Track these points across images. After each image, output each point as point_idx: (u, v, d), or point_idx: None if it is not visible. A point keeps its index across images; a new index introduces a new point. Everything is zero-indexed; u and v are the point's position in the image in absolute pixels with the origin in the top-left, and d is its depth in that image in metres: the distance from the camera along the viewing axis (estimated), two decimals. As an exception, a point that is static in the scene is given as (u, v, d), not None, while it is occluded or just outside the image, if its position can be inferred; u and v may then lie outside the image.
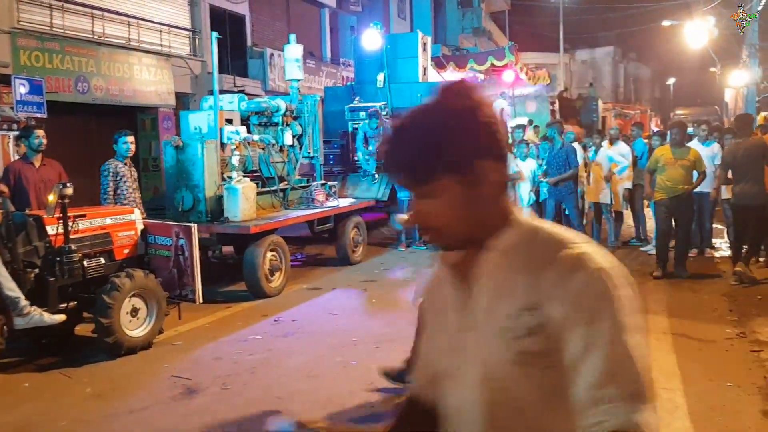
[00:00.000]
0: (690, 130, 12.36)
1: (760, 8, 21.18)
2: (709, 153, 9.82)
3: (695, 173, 8.70)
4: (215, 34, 8.68)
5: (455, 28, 35.66)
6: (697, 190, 8.95)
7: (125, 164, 7.76)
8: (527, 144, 11.66)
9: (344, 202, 10.41)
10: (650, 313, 7.09)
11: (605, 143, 11.13)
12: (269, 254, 8.24)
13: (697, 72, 49.01)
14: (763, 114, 19.46)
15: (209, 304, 7.71)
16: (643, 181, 10.83)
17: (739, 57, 23.62)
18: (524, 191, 11.10)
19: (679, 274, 8.68)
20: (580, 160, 11.17)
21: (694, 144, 9.85)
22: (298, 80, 10.34)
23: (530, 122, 18.37)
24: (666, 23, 29.33)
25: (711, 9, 24.13)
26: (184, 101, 17.15)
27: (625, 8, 47.33)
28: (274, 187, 9.47)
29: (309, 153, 10.36)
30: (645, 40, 60.74)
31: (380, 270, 9.93)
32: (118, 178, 7.66)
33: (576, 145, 10.97)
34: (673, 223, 8.84)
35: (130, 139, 7.79)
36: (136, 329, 6.05)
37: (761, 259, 9.24)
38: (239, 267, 8.27)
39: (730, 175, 8.73)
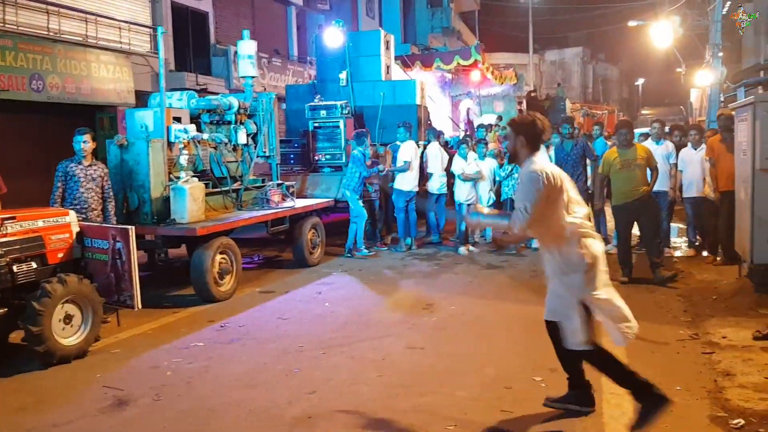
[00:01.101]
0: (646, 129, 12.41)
1: (724, 12, 21.39)
2: (663, 152, 9.75)
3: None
4: (161, 29, 8.41)
5: (425, 27, 35.59)
6: (654, 189, 8.67)
7: (80, 164, 7.40)
8: (486, 143, 11.56)
9: (301, 203, 10.18)
10: (606, 315, 6.99)
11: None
12: (219, 257, 7.98)
13: (664, 72, 49.59)
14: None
15: (154, 309, 7.46)
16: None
17: (704, 57, 23.79)
18: (483, 191, 10.97)
19: (659, 280, 8.25)
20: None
21: (648, 143, 9.78)
22: (252, 77, 10.09)
23: (500, 118, 18.38)
24: (632, 23, 29.48)
25: (676, 9, 24.30)
26: (144, 99, 16.78)
27: (594, 9, 47.63)
28: (227, 188, 9.20)
29: (264, 152, 10.11)
30: (613, 41, 61.39)
31: (338, 272, 9.72)
32: (68, 179, 7.34)
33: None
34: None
35: (86, 137, 7.39)
36: (69, 337, 5.79)
37: (718, 258, 9.19)
38: (188, 270, 8.01)
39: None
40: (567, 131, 10.09)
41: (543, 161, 4.42)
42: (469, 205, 10.94)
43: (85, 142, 7.38)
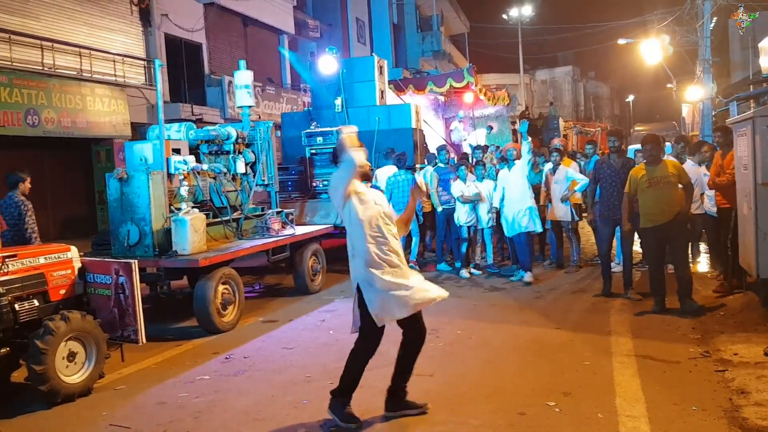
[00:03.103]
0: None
1: (711, 27, 21.59)
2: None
3: None
4: (158, 62, 8.43)
5: (415, 51, 35.87)
6: None
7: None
8: (484, 165, 11.53)
9: (301, 230, 10.13)
10: (613, 335, 6.94)
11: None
12: (221, 287, 7.92)
13: (655, 88, 50.03)
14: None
15: (158, 343, 7.39)
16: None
17: (694, 73, 23.97)
18: (483, 212, 10.92)
19: (686, 309, 7.58)
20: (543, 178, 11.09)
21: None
22: (249, 107, 10.09)
23: (490, 127, 18.55)
24: (621, 41, 29.72)
25: (665, 27, 24.52)
26: (140, 131, 16.81)
27: (583, 28, 48.11)
28: (227, 217, 9.16)
29: (263, 180, 10.09)
30: (603, 59, 62.03)
31: (340, 298, 9.66)
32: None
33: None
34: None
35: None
36: (73, 375, 5.70)
37: (720, 274, 9.14)
38: (191, 302, 7.94)
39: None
40: (614, 144, 8.88)
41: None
42: (469, 227, 10.92)
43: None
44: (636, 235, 8.73)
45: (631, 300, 8.45)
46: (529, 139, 10.31)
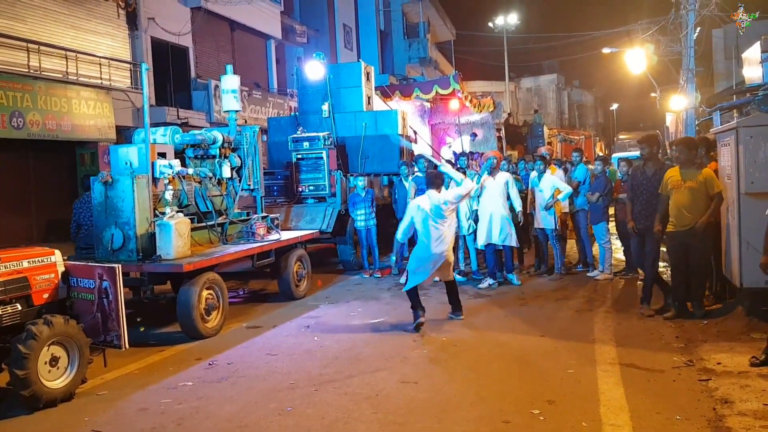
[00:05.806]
0: (636, 154, 12.41)
1: (695, 37, 21.80)
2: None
3: None
4: (145, 66, 8.38)
5: (402, 58, 35.97)
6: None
7: None
8: (464, 172, 11.48)
9: (286, 235, 10.10)
10: (597, 343, 6.97)
11: (548, 169, 11.02)
12: (205, 292, 7.87)
13: (639, 97, 50.55)
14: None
15: (141, 348, 7.33)
16: (587, 206, 10.78)
17: (678, 82, 24.18)
18: (463, 219, 10.86)
19: (697, 313, 7.61)
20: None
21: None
22: (236, 111, 10.07)
23: (474, 135, 18.63)
24: (606, 51, 29.95)
25: (649, 36, 24.74)
26: (125, 135, 16.72)
27: (568, 37, 48.50)
28: (212, 222, 9.12)
29: (249, 185, 10.05)
30: (588, 68, 62.58)
31: (325, 304, 9.63)
32: None
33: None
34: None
35: None
36: (56, 380, 5.64)
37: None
38: (174, 307, 7.88)
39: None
40: (643, 152, 8.33)
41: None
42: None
43: None
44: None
45: (643, 315, 7.99)
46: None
